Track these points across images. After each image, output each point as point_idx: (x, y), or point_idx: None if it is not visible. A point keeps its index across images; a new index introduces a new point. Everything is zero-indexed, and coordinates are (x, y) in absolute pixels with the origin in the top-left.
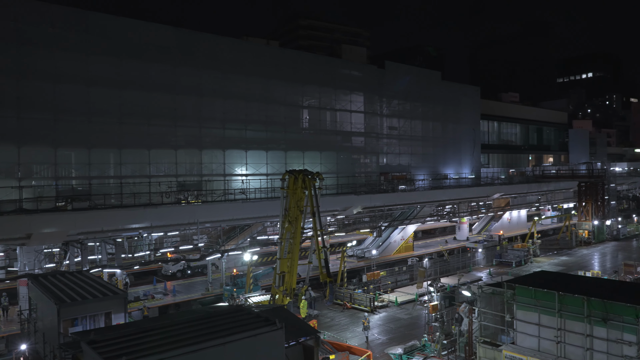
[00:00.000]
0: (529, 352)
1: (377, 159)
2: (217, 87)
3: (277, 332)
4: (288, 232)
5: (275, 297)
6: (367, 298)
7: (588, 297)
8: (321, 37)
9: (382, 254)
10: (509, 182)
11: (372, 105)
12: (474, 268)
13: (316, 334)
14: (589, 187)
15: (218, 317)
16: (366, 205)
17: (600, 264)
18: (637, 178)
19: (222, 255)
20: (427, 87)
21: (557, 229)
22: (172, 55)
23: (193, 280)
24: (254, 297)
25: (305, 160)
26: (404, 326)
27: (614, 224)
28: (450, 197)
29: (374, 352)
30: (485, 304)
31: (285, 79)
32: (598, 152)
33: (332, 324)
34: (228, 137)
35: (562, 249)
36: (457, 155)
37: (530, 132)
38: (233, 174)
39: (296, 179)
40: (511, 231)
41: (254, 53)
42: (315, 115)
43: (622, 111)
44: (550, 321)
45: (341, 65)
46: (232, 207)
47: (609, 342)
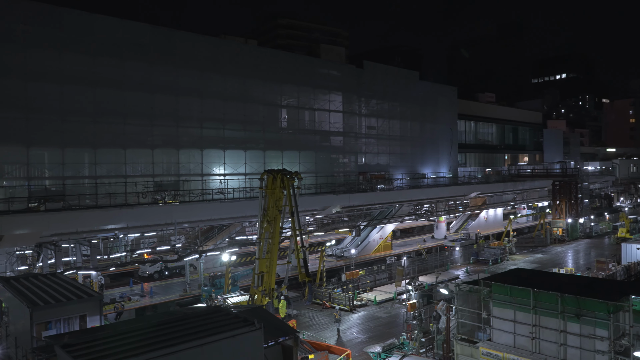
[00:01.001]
0: (504, 348)
1: (355, 158)
2: (194, 86)
3: (256, 332)
4: (267, 232)
5: (254, 297)
6: (346, 297)
7: (562, 293)
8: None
9: (361, 253)
10: (486, 181)
11: (350, 104)
12: (451, 266)
13: (295, 333)
14: (563, 186)
15: (196, 319)
16: (345, 204)
17: (574, 261)
18: (609, 177)
19: (200, 255)
20: (405, 87)
21: (532, 227)
22: (149, 53)
23: (171, 282)
24: (233, 297)
25: (284, 159)
26: (383, 325)
27: (587, 222)
28: (428, 196)
29: (353, 351)
30: (462, 301)
31: (263, 78)
32: (571, 152)
33: (312, 323)
34: (206, 136)
35: (537, 247)
36: (434, 155)
37: (506, 131)
38: (211, 173)
39: (275, 179)
40: (488, 229)
41: (232, 52)
42: (293, 114)
43: (595, 111)
44: (526, 318)
45: (320, 64)
46: (210, 207)
47: (582, 337)
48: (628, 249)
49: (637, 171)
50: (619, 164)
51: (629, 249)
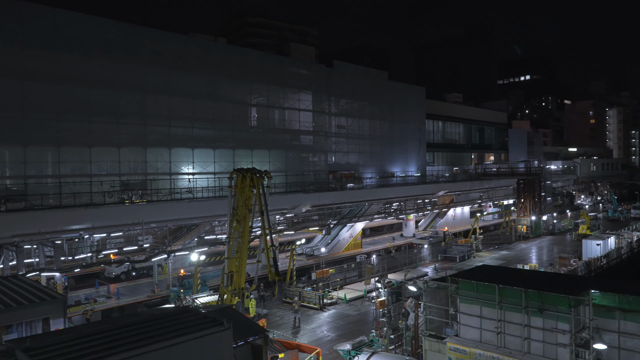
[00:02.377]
0: (471, 343)
1: (325, 157)
2: (162, 84)
3: (225, 332)
4: (236, 231)
5: (224, 297)
6: (316, 296)
7: (526, 289)
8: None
9: (331, 252)
10: (453, 179)
11: (320, 104)
12: (420, 264)
13: (265, 333)
14: (527, 184)
15: (163, 319)
16: (315, 203)
17: (538, 257)
18: (571, 176)
19: (168, 255)
20: (374, 86)
21: (498, 224)
22: (114, 50)
23: (138, 282)
24: (202, 297)
25: (254, 158)
26: (353, 322)
27: (550, 219)
28: (397, 195)
29: (323, 349)
30: (430, 298)
31: (233, 76)
32: (535, 151)
33: (282, 322)
34: (174, 135)
35: (502, 244)
36: (403, 154)
37: (472, 131)
38: (179, 172)
39: (244, 178)
40: (455, 227)
41: (201, 49)
42: (263, 113)
43: (557, 112)
44: (491, 313)
45: (290, 63)
46: (178, 207)
47: (544, 331)
48: (588, 245)
49: (596, 170)
50: (580, 163)
51: (589, 245)
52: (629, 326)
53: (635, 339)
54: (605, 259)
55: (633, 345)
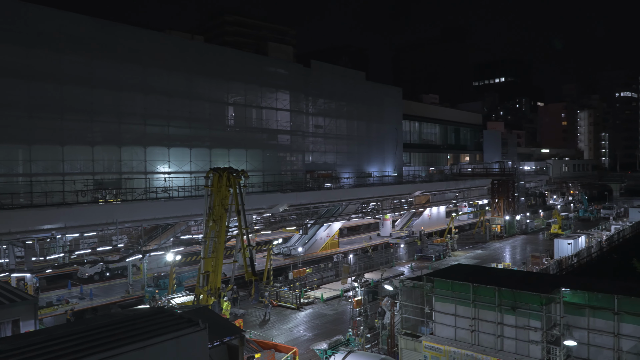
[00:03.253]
0: (446, 341)
1: (303, 157)
2: (137, 82)
3: (201, 332)
4: (212, 230)
5: (200, 297)
6: (293, 295)
7: (499, 287)
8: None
9: (309, 252)
10: (429, 180)
11: (298, 103)
12: (396, 263)
13: (241, 333)
14: (501, 185)
15: (138, 320)
16: (292, 203)
17: (511, 256)
18: (543, 176)
19: (143, 256)
20: (352, 87)
21: (472, 224)
22: (89, 46)
23: (112, 283)
24: (177, 298)
25: (231, 158)
26: (330, 322)
27: (523, 219)
28: (374, 195)
29: (300, 348)
30: (406, 297)
31: (210, 74)
32: (509, 152)
33: (258, 322)
34: (149, 133)
35: (477, 243)
36: (380, 154)
37: (448, 132)
38: (155, 171)
39: (221, 177)
40: (431, 227)
41: (178, 47)
42: (241, 112)
43: (531, 114)
44: (466, 311)
45: (267, 62)
46: (154, 206)
47: (517, 328)
48: (560, 244)
49: (568, 171)
50: (552, 164)
51: (561, 244)
52: (597, 323)
53: (603, 336)
54: (576, 257)
55: (601, 342)
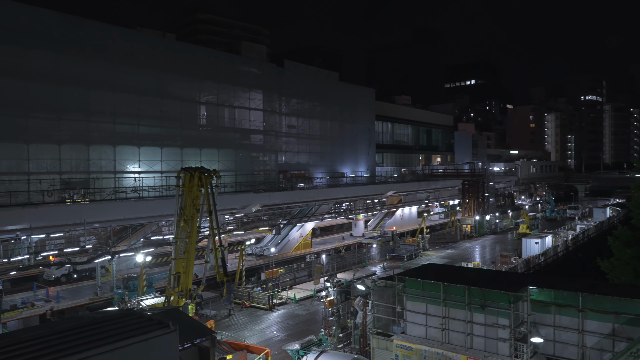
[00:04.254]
0: (417, 340)
1: (276, 157)
2: (107, 79)
3: (171, 334)
4: (184, 231)
5: (170, 298)
6: (266, 296)
7: (469, 286)
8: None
9: (281, 252)
10: (401, 180)
11: (271, 103)
12: (369, 263)
13: (212, 334)
14: (472, 185)
15: (106, 323)
16: (265, 203)
17: (481, 256)
18: (512, 177)
19: (112, 257)
20: (325, 87)
21: (444, 224)
22: (56, 42)
23: (80, 285)
24: (148, 299)
25: (203, 157)
26: (302, 322)
27: (493, 219)
28: (347, 195)
29: (272, 349)
30: (378, 297)
31: (182, 73)
32: (479, 153)
33: (230, 323)
34: (119, 132)
35: (448, 243)
36: (353, 154)
37: (420, 133)
38: (125, 171)
39: (192, 177)
40: (403, 227)
41: (149, 45)
42: (213, 111)
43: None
44: (436, 310)
45: (240, 62)
46: (123, 206)
47: (486, 326)
48: (528, 243)
49: (536, 172)
50: (521, 165)
51: (529, 243)
52: (563, 320)
53: (569, 332)
54: (543, 256)
55: (567, 338)
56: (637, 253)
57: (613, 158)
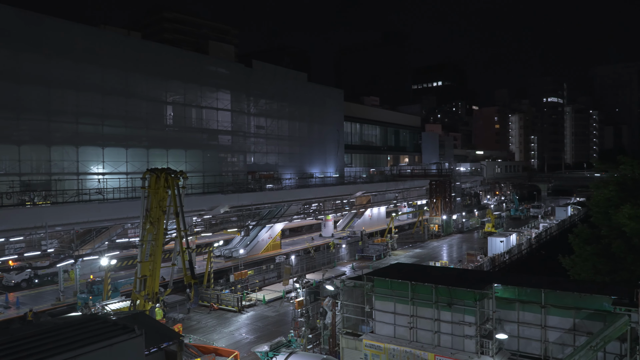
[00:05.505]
0: (386, 339)
1: (244, 157)
2: (69, 78)
3: (136, 339)
4: (150, 233)
5: (136, 302)
6: (235, 298)
7: (436, 285)
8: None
9: (250, 253)
10: (370, 180)
11: (239, 103)
12: (338, 263)
13: (179, 338)
14: (439, 185)
15: (68, 329)
16: (234, 204)
17: (448, 255)
18: (478, 177)
19: (75, 261)
20: (294, 88)
21: (412, 223)
22: (14, 39)
23: (41, 290)
24: (113, 304)
25: (170, 158)
26: (272, 324)
27: (459, 218)
28: (316, 196)
29: (241, 352)
30: (347, 296)
31: (147, 72)
32: (446, 154)
33: (199, 326)
34: (82, 132)
35: (416, 242)
36: (322, 155)
37: (388, 134)
38: (88, 172)
39: (158, 178)
40: (372, 227)
41: (113, 43)
42: (180, 111)
43: (466, 117)
44: (405, 309)
45: (208, 61)
46: (87, 209)
47: (453, 324)
48: (493, 242)
49: (501, 172)
50: (486, 165)
51: (494, 242)
52: (526, 316)
53: (532, 328)
54: (507, 254)
55: (530, 334)
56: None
57: (574, 158)
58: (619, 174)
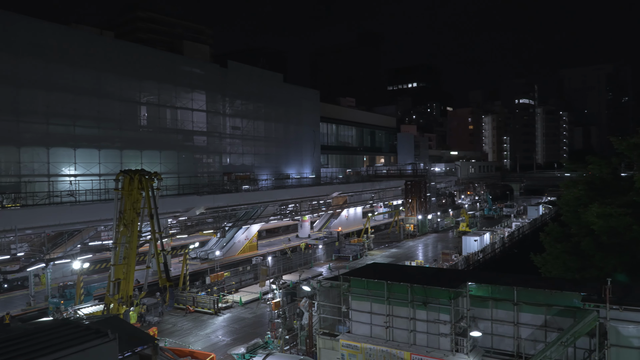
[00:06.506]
0: (362, 339)
1: (220, 158)
2: (39, 78)
3: (110, 343)
4: (124, 236)
5: (110, 306)
6: (211, 300)
7: (411, 284)
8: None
9: (227, 255)
10: (346, 181)
11: (214, 104)
12: (315, 264)
13: (154, 341)
14: (414, 185)
15: (39, 334)
16: (209, 205)
17: (424, 254)
18: (452, 177)
19: (46, 265)
20: (270, 88)
21: (388, 223)
22: None
23: (11, 295)
24: (85, 308)
25: (144, 159)
26: (249, 325)
27: (435, 218)
28: (292, 196)
29: (218, 354)
30: (324, 297)
31: (121, 72)
32: (421, 154)
33: (175, 329)
34: (53, 133)
35: (392, 242)
36: (298, 156)
37: (364, 134)
38: (59, 174)
39: (132, 179)
40: (349, 227)
41: (85, 42)
42: (154, 112)
43: (441, 118)
44: (381, 308)
45: (182, 61)
46: (58, 211)
47: (428, 322)
48: (467, 241)
49: (474, 172)
50: (460, 165)
51: (468, 241)
52: (500, 314)
53: (505, 325)
54: (481, 253)
55: (503, 331)
56: (566, 248)
57: (545, 158)
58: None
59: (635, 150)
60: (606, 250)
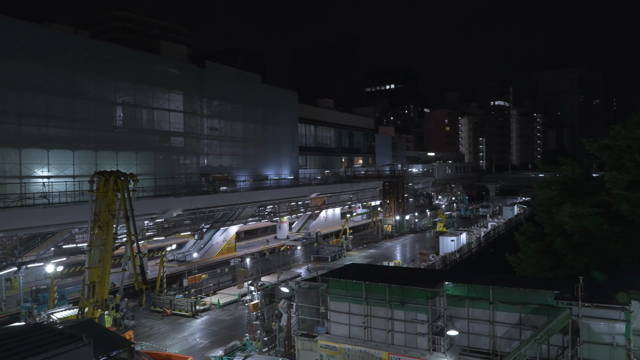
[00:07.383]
0: (341, 339)
1: (197, 159)
2: (10, 77)
3: (84, 348)
4: (99, 238)
5: (85, 310)
6: (188, 302)
7: (389, 284)
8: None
9: (204, 257)
10: (325, 182)
11: (192, 104)
12: (293, 265)
13: (130, 345)
14: (392, 186)
15: (10, 340)
16: (187, 207)
17: (401, 254)
18: (430, 178)
19: (18, 268)
20: (248, 89)
21: (366, 224)
22: None
23: None
24: (59, 312)
25: (120, 160)
26: (227, 327)
27: (412, 219)
28: (271, 198)
29: (195, 357)
30: (302, 298)
31: (95, 72)
32: (399, 155)
33: (151, 333)
34: (25, 134)
35: (370, 243)
36: (277, 157)
37: (342, 135)
38: (32, 175)
39: (107, 181)
40: (327, 228)
41: (58, 42)
42: (130, 113)
43: (418, 119)
44: (359, 309)
45: (159, 62)
46: (30, 214)
47: (406, 322)
48: (444, 241)
49: (451, 173)
50: (437, 166)
51: (445, 241)
52: (476, 312)
53: (481, 324)
54: (458, 253)
55: (479, 330)
56: (540, 247)
57: (520, 159)
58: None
59: (605, 152)
60: (578, 249)
